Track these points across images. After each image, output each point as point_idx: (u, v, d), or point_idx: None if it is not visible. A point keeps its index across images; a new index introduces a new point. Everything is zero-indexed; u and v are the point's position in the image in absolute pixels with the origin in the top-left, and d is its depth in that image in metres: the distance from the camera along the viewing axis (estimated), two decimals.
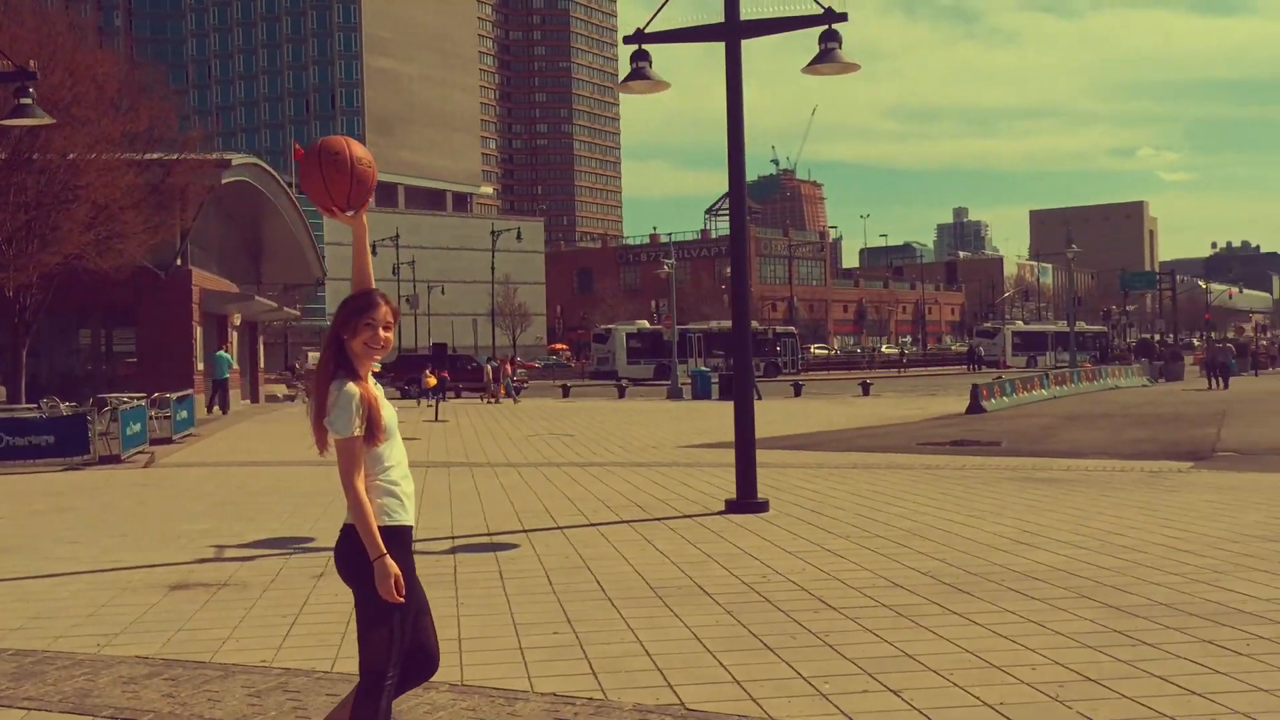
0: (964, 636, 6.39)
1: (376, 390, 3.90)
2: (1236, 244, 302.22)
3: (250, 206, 34.45)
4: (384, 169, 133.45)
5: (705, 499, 12.63)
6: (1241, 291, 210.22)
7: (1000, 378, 38.12)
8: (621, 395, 43.80)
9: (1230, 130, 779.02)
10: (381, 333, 3.87)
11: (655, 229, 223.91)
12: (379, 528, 3.76)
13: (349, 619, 7.23)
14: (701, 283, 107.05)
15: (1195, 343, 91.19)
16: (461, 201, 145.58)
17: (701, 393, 41.68)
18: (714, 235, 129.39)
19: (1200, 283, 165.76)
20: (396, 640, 3.84)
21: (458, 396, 41.86)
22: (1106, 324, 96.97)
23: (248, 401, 40.10)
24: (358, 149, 3.99)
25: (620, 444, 21.05)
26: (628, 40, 12.08)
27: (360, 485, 3.75)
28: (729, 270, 14.27)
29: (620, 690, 5.54)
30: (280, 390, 47.47)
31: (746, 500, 11.62)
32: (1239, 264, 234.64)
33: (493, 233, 78.96)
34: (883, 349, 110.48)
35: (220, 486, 15.01)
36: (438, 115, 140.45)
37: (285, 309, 43.42)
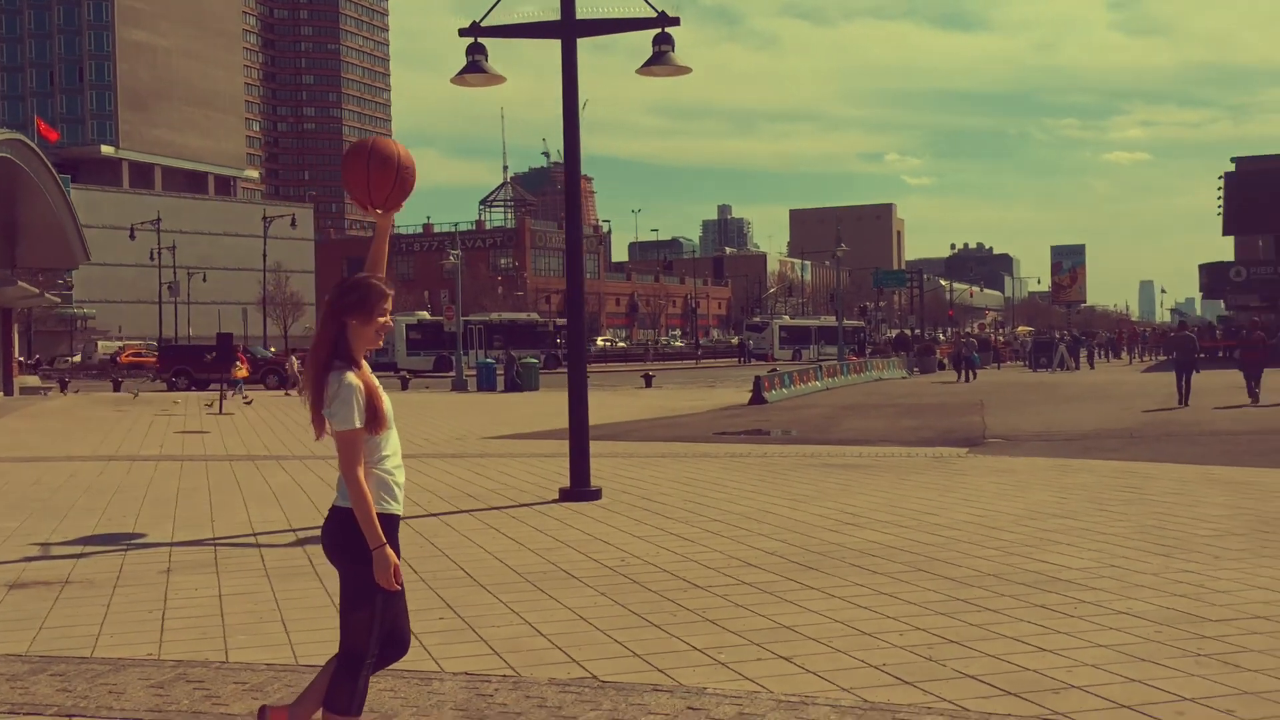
0: (828, 609, 6.92)
1: (372, 377, 4.00)
2: (973, 245, 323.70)
3: (7, 186, 32.20)
4: (140, 148, 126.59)
5: (535, 488, 12.88)
6: (982, 290, 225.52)
7: (775, 370, 39.81)
8: (405, 387, 43.28)
9: (966, 139, 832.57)
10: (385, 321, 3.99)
11: (429, 219, 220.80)
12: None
13: (221, 611, 7.16)
14: (479, 274, 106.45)
15: (941, 337, 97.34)
16: (224, 185, 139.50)
17: (487, 384, 41.65)
18: (489, 226, 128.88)
19: (942, 281, 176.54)
20: (378, 623, 3.98)
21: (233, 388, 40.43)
22: (863, 319, 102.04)
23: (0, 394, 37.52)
24: (404, 155, 4.10)
25: (424, 437, 20.97)
26: (463, 33, 12.18)
27: (361, 475, 3.85)
28: (504, 262, 14.58)
29: (531, 668, 5.77)
30: (35, 381, 44.57)
31: (581, 488, 11.95)
32: (975, 264, 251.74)
33: (264, 219, 76.09)
34: (674, 343, 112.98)
35: (11, 484, 14.19)
36: (198, 93, 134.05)
37: (46, 294, 40.74)
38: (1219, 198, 63.62)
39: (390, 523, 3.99)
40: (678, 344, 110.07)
